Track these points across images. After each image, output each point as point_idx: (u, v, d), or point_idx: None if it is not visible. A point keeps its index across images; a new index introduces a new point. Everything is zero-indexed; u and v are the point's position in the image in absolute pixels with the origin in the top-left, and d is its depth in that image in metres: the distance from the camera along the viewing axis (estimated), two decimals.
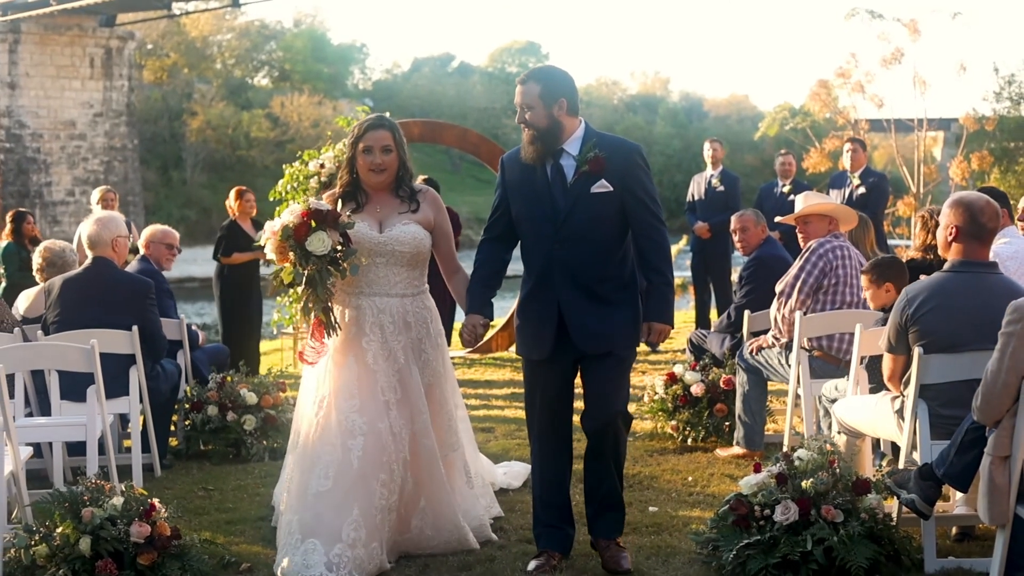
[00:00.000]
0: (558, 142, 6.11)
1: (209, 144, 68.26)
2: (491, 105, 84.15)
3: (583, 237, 6.05)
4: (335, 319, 6.28)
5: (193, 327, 9.78)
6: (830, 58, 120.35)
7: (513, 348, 14.20)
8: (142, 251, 9.61)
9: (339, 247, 6.12)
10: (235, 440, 9.03)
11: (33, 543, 5.87)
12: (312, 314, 6.21)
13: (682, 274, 18.36)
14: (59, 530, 5.86)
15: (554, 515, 6.28)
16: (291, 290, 14.08)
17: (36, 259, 9.32)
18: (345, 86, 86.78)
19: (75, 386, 7.85)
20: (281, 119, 70.98)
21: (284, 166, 14.70)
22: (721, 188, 14.38)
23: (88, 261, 8.33)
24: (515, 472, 8.02)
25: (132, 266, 9.51)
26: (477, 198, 60.40)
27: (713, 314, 14.62)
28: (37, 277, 9.31)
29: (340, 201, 6.41)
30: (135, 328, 8.06)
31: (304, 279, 6.11)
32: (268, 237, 6.15)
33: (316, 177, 14.21)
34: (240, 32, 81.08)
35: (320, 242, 6.04)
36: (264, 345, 16.13)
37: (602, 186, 6.03)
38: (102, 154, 48.75)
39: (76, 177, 47.98)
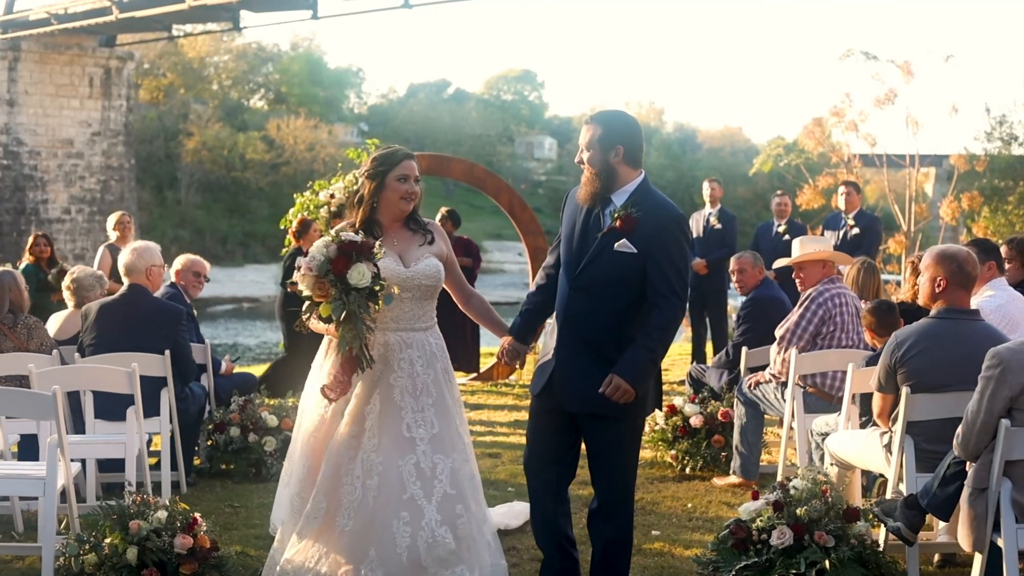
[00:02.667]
0: (609, 190, 5.93)
1: (204, 165, 68.49)
2: (486, 132, 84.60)
3: (597, 292, 5.91)
4: (369, 353, 6.12)
5: (225, 358, 10.29)
6: (824, 94, 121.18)
7: (514, 376, 14.74)
8: (172, 278, 10.04)
9: (376, 278, 6.01)
10: (256, 460, 9.43)
11: (82, 552, 6.32)
12: (347, 349, 6.04)
13: None
14: (107, 540, 6.29)
15: (552, 551, 6.30)
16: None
17: (67, 283, 9.74)
18: (341, 110, 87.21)
19: (107, 406, 8.33)
20: (277, 142, 71.28)
21: (295, 195, 15.18)
22: (719, 226, 14.84)
23: (124, 288, 8.80)
24: (515, 511, 7.96)
25: (159, 292, 9.95)
26: (470, 224, 60.79)
27: (709, 347, 15.10)
28: (68, 301, 9.74)
29: (360, 234, 6.19)
30: (167, 352, 8.54)
31: (345, 313, 5.96)
32: (303, 274, 5.99)
33: (327, 207, 14.67)
34: (237, 54, 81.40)
35: (360, 274, 5.92)
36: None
37: (625, 246, 5.83)
38: (99, 173, 49.06)
39: (72, 195, 48.31)
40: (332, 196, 14.69)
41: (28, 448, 8.35)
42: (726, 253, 14.32)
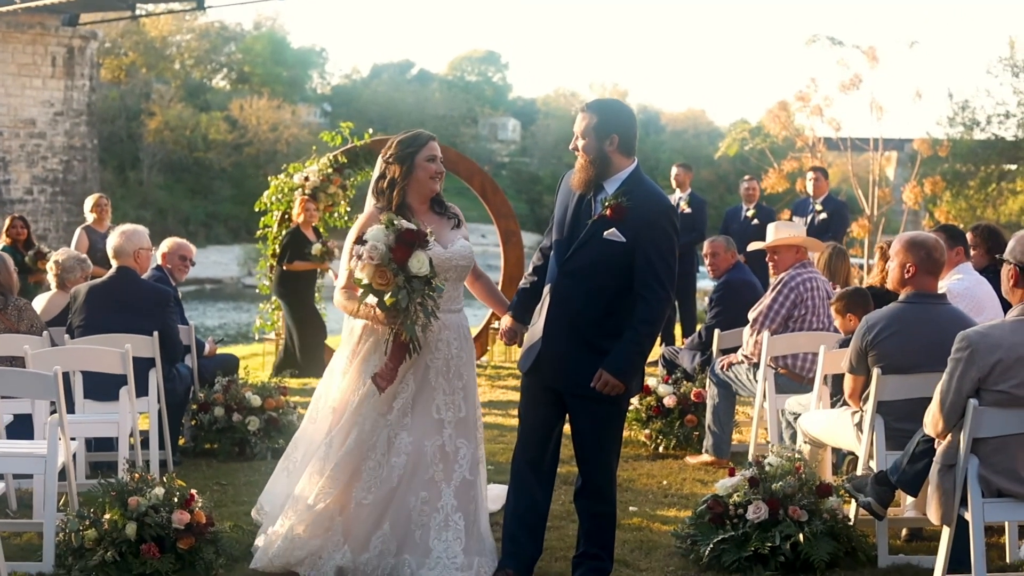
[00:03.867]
0: (602, 177, 6.04)
1: (167, 145, 68.09)
2: (450, 113, 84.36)
3: (584, 277, 6.02)
4: (418, 340, 6.22)
5: (208, 339, 10.50)
6: (788, 77, 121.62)
7: (486, 357, 14.96)
8: (159, 261, 10.21)
9: (431, 266, 6.12)
10: (240, 439, 9.64)
11: (83, 528, 6.52)
12: (401, 336, 6.12)
13: None
14: (107, 516, 6.50)
15: (521, 534, 6.36)
16: (271, 299, 14.87)
17: (51, 265, 9.93)
18: (304, 90, 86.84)
19: (95, 386, 8.51)
20: (240, 122, 70.98)
21: (269, 178, 15.34)
22: (688, 210, 15.09)
23: (112, 270, 8.98)
24: (493, 495, 7.71)
25: (146, 275, 10.12)
26: None
27: (678, 329, 15.36)
28: (51, 282, 9.93)
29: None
30: (156, 333, 8.72)
31: (408, 301, 6.03)
32: (365, 263, 6.01)
33: (300, 189, 14.86)
34: (200, 33, 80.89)
35: (420, 262, 6.02)
36: (243, 350, 16.75)
37: (614, 234, 5.95)
38: (61, 153, 48.80)
39: (35, 176, 48.04)
40: (306, 179, 14.88)
41: (14, 428, 8.49)
42: (695, 237, 14.63)
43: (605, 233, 5.98)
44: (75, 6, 44.89)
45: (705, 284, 22.25)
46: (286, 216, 14.95)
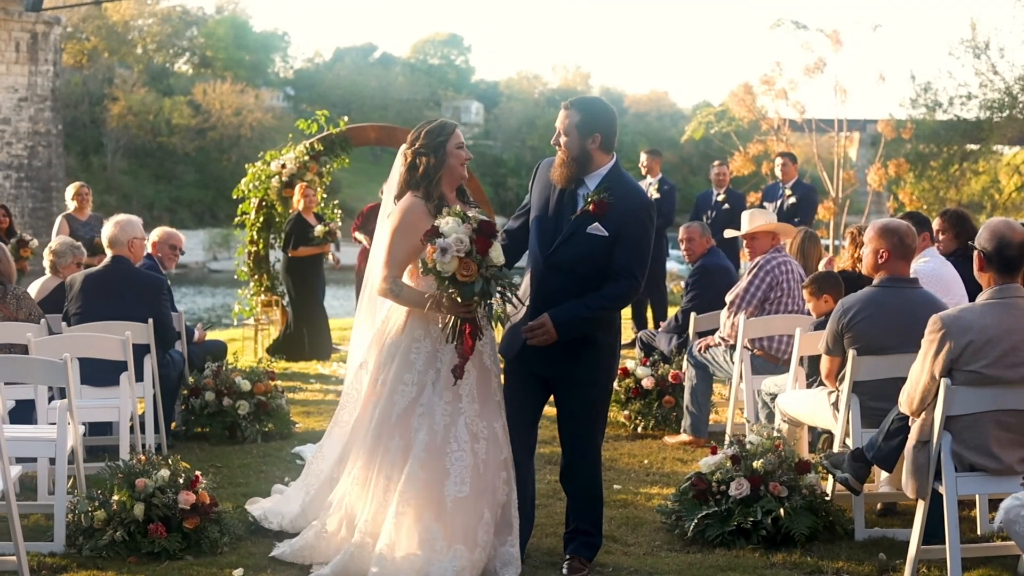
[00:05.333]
0: (583, 173, 6.26)
1: (130, 130, 67.92)
2: (413, 96, 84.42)
3: (569, 270, 6.22)
4: (482, 327, 6.25)
5: (198, 326, 10.75)
6: (751, 59, 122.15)
7: None
8: (149, 250, 10.42)
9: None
10: (231, 423, 9.86)
11: (92, 509, 6.77)
12: (469, 325, 6.15)
13: None
14: (115, 497, 6.75)
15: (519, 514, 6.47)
16: (251, 283, 15.12)
17: (46, 254, 10.17)
18: (267, 74, 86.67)
19: (91, 372, 8.74)
20: (203, 106, 70.84)
21: (247, 165, 15.55)
22: (657, 196, 15.36)
23: (107, 259, 9.21)
24: None
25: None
26: None
27: (649, 312, 15.64)
28: (47, 269, 10.17)
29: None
30: (150, 321, 8.95)
31: (488, 288, 6.05)
32: (453, 257, 5.95)
33: (278, 176, 15.08)
34: (161, 17, 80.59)
35: (497, 253, 6.09)
36: (222, 335, 16.95)
37: (597, 229, 6.18)
38: (26, 139, 48.68)
39: (0, 162, 47.99)
40: (283, 166, 15.11)
41: (15, 414, 8.68)
42: (663, 222, 14.94)
43: (588, 228, 6.22)
44: None
45: (672, 266, 22.58)
46: (263, 203, 15.18)
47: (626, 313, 16.42)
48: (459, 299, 6.02)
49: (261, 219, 15.28)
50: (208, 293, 48.15)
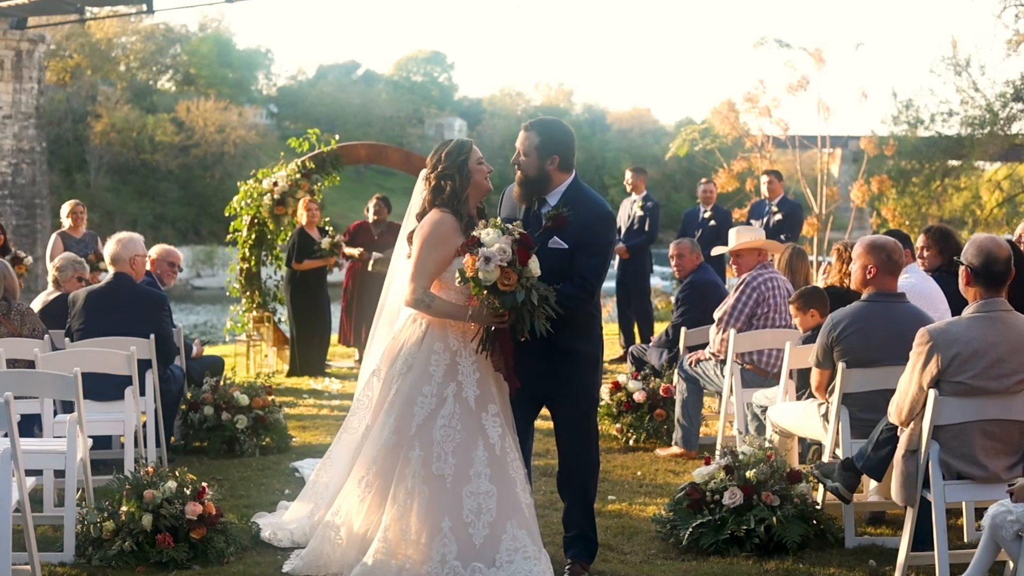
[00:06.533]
0: (543, 192, 6.53)
1: (113, 147, 67.84)
2: (396, 114, 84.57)
3: None
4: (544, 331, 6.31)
5: (196, 341, 10.91)
6: (733, 77, 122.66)
7: None
8: (148, 267, 10.58)
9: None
10: (229, 438, 10.02)
11: (101, 520, 6.92)
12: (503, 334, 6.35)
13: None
14: (124, 508, 6.92)
15: None
16: (243, 300, 15.26)
17: (50, 269, 10.37)
18: (250, 91, 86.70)
19: (93, 387, 8.87)
20: (186, 124, 70.86)
21: (239, 183, 15.70)
22: (641, 213, 15.52)
23: (110, 276, 9.38)
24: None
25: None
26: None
27: (636, 328, 15.81)
28: (51, 287, 10.33)
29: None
30: (152, 336, 9.11)
31: (529, 297, 6.17)
32: (495, 266, 6.11)
33: (269, 194, 15.23)
34: (145, 35, 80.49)
35: (535, 264, 6.23)
36: (216, 350, 17.05)
37: (557, 243, 6.41)
38: (10, 156, 48.62)
39: None
40: (275, 184, 15.25)
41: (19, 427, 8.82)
42: (646, 240, 15.17)
43: (549, 243, 6.44)
44: (24, 9, 44.81)
45: (655, 282, 22.76)
46: (255, 220, 15.33)
47: (613, 329, 16.63)
48: (499, 308, 6.17)
49: (253, 236, 15.41)
50: (190, 311, 48.15)
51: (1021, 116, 33.38)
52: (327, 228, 15.05)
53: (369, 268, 15.00)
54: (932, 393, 6.16)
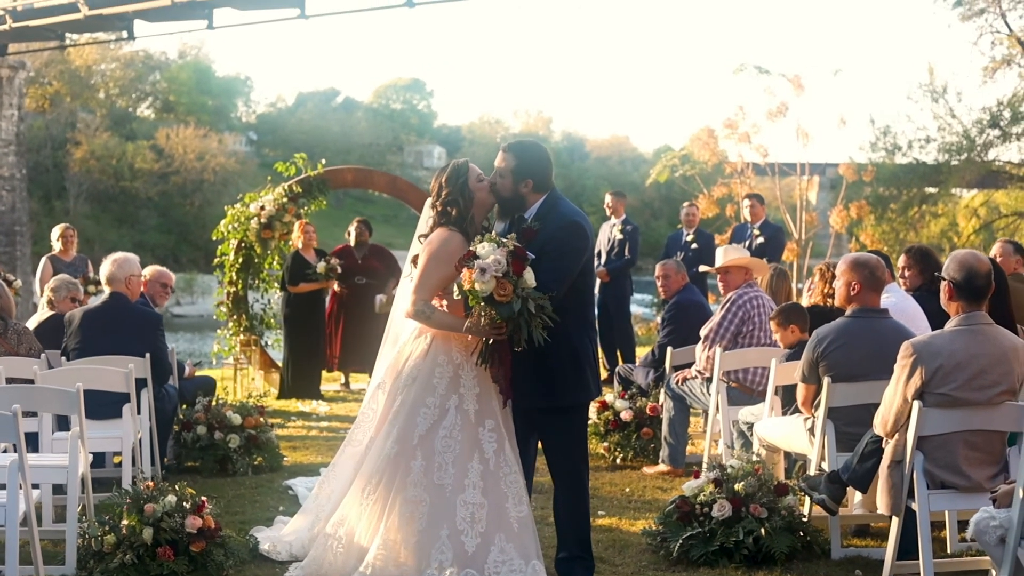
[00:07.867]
0: (520, 210, 6.72)
1: (93, 174, 67.87)
2: (375, 141, 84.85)
3: None
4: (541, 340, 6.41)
5: (187, 362, 11.03)
6: (710, 104, 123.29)
7: None
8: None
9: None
10: (222, 456, 10.13)
11: (102, 533, 7.03)
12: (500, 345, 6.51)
13: None
14: (124, 522, 7.02)
15: None
16: (229, 323, 15.36)
17: (46, 290, 10.49)
18: (229, 119, 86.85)
19: (89, 405, 8.97)
20: (166, 151, 70.92)
21: (226, 207, 15.82)
22: (621, 236, 15.68)
23: (105, 296, 9.51)
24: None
25: None
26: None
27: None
28: (46, 307, 10.44)
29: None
30: (148, 355, 9.23)
31: (525, 307, 6.27)
32: (491, 277, 6.22)
33: (256, 218, 15.36)
34: (124, 62, 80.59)
35: (530, 275, 6.33)
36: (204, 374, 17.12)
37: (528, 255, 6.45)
38: None
39: None
40: (262, 208, 15.38)
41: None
42: (626, 263, 15.34)
43: None
44: (4, 37, 44.84)
45: (634, 309, 22.91)
46: (242, 244, 15.45)
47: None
48: (496, 319, 6.29)
49: (240, 260, 15.53)
50: (170, 339, 47.99)
51: (998, 143, 33.71)
52: (326, 253, 15.17)
53: (376, 310, 15.14)
54: (916, 405, 6.33)
